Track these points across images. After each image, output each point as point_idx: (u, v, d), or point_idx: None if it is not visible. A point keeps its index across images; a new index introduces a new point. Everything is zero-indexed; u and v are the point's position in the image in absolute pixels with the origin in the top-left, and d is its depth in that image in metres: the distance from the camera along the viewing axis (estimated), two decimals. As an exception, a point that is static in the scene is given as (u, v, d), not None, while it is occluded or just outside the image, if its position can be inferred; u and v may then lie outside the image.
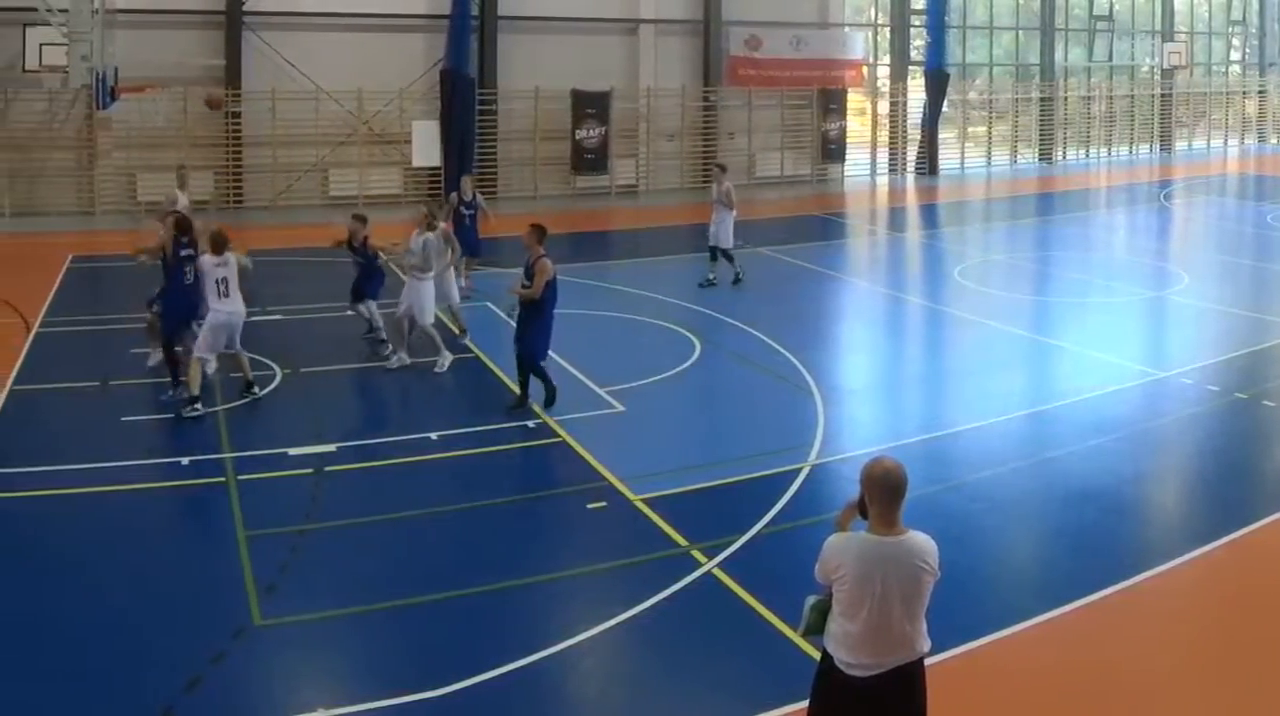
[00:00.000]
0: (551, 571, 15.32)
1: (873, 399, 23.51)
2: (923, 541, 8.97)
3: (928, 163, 62.86)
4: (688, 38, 56.22)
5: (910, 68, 64.26)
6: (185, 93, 45.45)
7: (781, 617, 13.27)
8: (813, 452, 19.34)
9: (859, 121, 63.77)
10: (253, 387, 22.66)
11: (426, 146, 49.33)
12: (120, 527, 16.62)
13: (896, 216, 53.88)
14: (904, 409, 23.01)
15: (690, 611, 14.06)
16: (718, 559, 15.23)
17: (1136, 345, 27.07)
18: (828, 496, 17.35)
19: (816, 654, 9.52)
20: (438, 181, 49.45)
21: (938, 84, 62.12)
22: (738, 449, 19.64)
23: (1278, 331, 27.48)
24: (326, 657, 13.30)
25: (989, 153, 68.26)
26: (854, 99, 62.13)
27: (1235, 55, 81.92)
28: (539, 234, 21.37)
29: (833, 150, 59.99)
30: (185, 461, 18.95)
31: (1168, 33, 74.67)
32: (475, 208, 31.80)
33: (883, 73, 64.92)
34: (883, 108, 64.40)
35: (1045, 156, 69.64)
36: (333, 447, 19.49)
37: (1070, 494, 17.73)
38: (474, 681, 12.29)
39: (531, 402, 21.36)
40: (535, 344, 21.11)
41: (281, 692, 12.35)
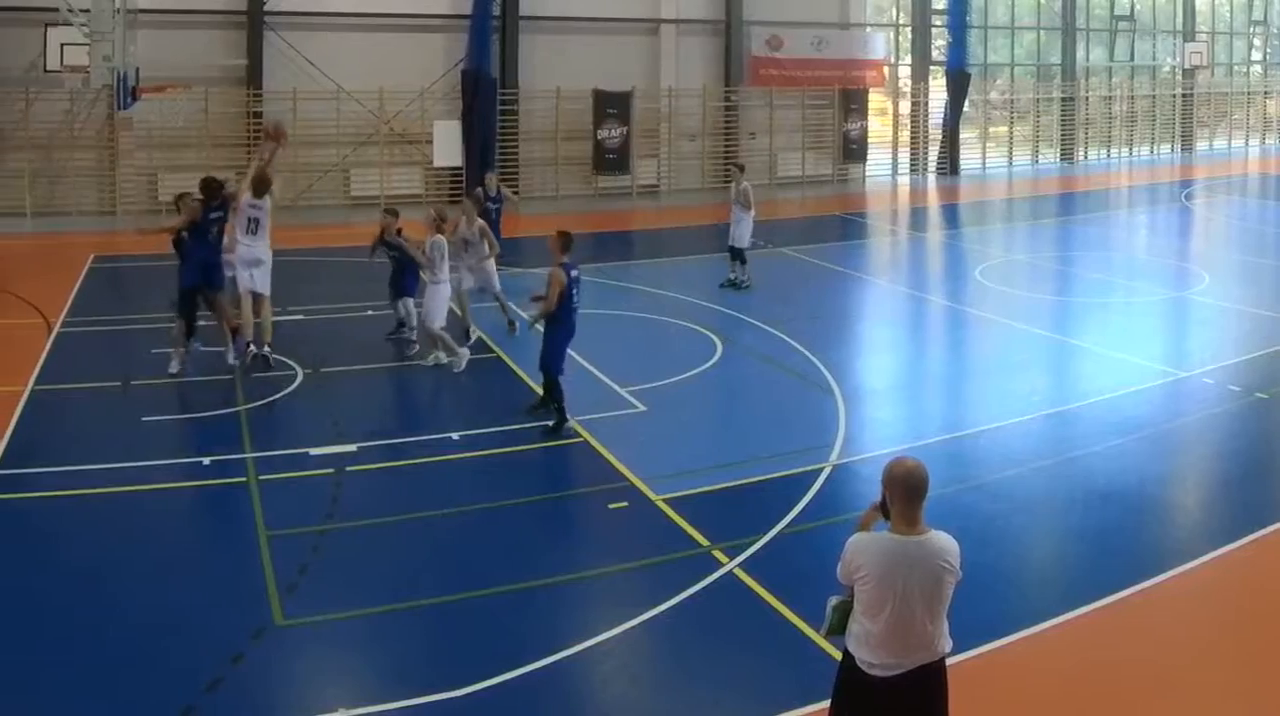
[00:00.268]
0: (573, 571, 15.36)
1: (894, 399, 23.50)
2: (945, 541, 9.00)
3: (949, 163, 62.74)
4: (709, 38, 56.21)
5: (932, 68, 64.11)
6: (206, 93, 45.64)
7: (803, 617, 13.29)
8: (834, 452, 19.35)
9: (880, 121, 63.77)
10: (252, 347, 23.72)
11: (448, 146, 49.29)
12: (141, 527, 16.66)
13: (918, 216, 53.88)
14: (925, 409, 23.02)
15: (711, 611, 14.07)
16: (739, 559, 15.23)
17: (1158, 345, 26.98)
18: (849, 496, 17.36)
19: (838, 654, 9.57)
20: (459, 181, 49.42)
21: (959, 84, 61.97)
22: (759, 449, 19.60)
23: (1299, 331, 27.45)
24: (347, 658, 13.31)
25: (1010, 153, 68.11)
26: (875, 99, 62.05)
27: (1256, 55, 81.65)
28: (562, 242, 20.62)
29: (854, 150, 59.87)
30: (206, 461, 18.97)
31: (1189, 33, 74.49)
32: (500, 202, 32.10)
33: (904, 73, 64.97)
34: (904, 108, 64.46)
35: (1066, 156, 69.48)
36: (354, 447, 19.50)
37: (1091, 494, 17.73)
38: (495, 681, 12.30)
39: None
40: (546, 355, 20.64)
41: (302, 693, 12.38)
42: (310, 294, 29.59)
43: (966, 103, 63.48)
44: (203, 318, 24.20)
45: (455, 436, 20.25)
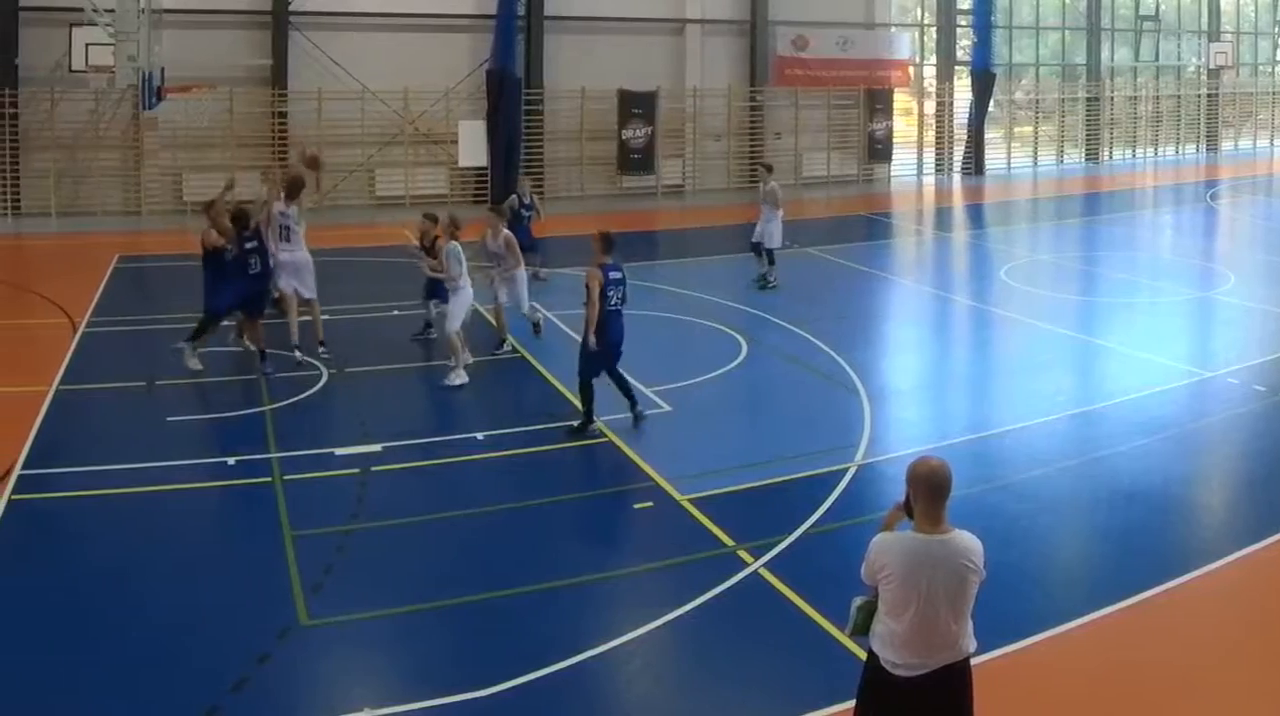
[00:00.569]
0: (597, 571, 15.38)
1: (919, 399, 23.51)
2: (968, 540, 8.99)
3: (974, 163, 62.73)
4: (734, 38, 56.26)
5: (956, 68, 64.17)
6: (231, 93, 45.85)
7: (828, 617, 13.26)
8: (859, 452, 19.35)
9: (905, 121, 63.69)
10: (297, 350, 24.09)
11: (473, 146, 49.40)
12: (166, 528, 16.68)
13: (943, 216, 53.77)
14: (950, 409, 23.02)
15: (737, 611, 14.07)
16: (764, 559, 15.23)
17: (1183, 345, 26.96)
18: (875, 496, 17.36)
19: (863, 653, 9.55)
20: (484, 182, 49.67)
21: (984, 84, 61.95)
22: (784, 448, 19.60)
23: (1325, 332, 27.40)
24: (372, 658, 13.31)
25: (1035, 153, 68.06)
26: (900, 99, 62.01)
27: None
28: (603, 243, 20.25)
29: (879, 150, 59.87)
30: (231, 461, 19.00)
31: (1214, 33, 74.29)
32: (532, 208, 32.23)
33: (929, 73, 64.89)
34: (929, 108, 64.32)
35: (1091, 156, 69.39)
36: (379, 448, 19.50)
37: (1116, 494, 17.74)
38: (520, 681, 12.30)
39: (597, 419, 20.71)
40: (582, 359, 20.33)
41: (327, 693, 12.39)
42: (335, 294, 29.51)
43: (991, 103, 63.49)
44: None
45: (480, 436, 20.26)
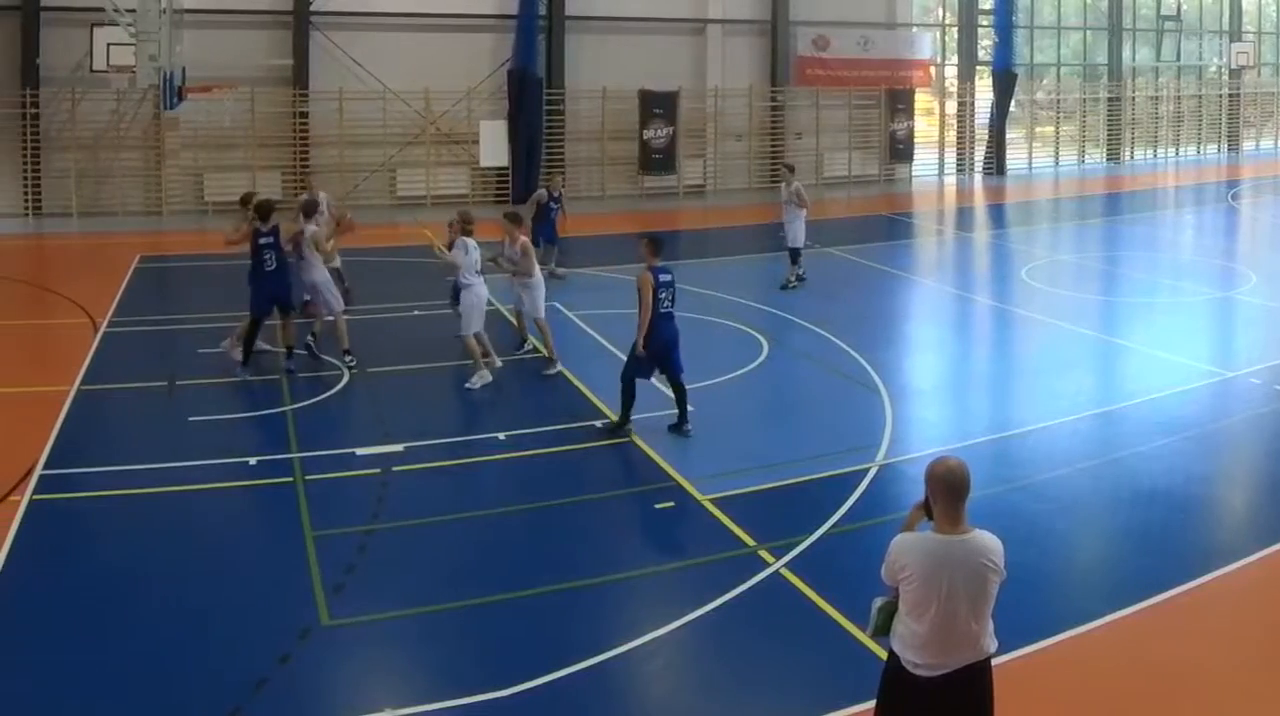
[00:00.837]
0: (619, 571, 15.41)
1: (941, 399, 23.53)
2: (988, 540, 9.02)
3: (995, 163, 62.70)
4: (755, 38, 56.26)
5: (978, 68, 64.05)
6: (252, 93, 45.99)
7: (849, 617, 13.29)
8: (880, 452, 19.36)
9: (927, 121, 63.65)
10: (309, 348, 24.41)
11: (494, 146, 49.47)
12: (188, 528, 16.68)
13: (964, 216, 53.75)
14: (972, 409, 23.03)
15: (758, 611, 14.08)
16: (785, 559, 15.24)
17: (1204, 345, 26.93)
18: (896, 496, 17.35)
19: (884, 654, 9.58)
20: (505, 182, 49.74)
21: (1005, 84, 61.85)
22: (806, 448, 19.64)
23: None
24: (393, 658, 13.35)
25: (1056, 153, 68.05)
26: (922, 99, 62.02)
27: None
28: (652, 247, 20.26)
29: (900, 150, 59.88)
30: (253, 461, 19.04)
31: (1235, 32, 74.16)
32: (560, 203, 32.45)
33: (950, 73, 64.78)
34: (950, 108, 64.24)
35: (1113, 157, 69.32)
36: (400, 448, 19.53)
37: (1137, 494, 17.73)
38: (541, 681, 12.32)
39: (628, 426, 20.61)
40: (631, 360, 20.37)
41: (348, 693, 12.39)
42: (357, 294, 29.61)
43: (1013, 103, 63.35)
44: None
45: (502, 436, 20.29)
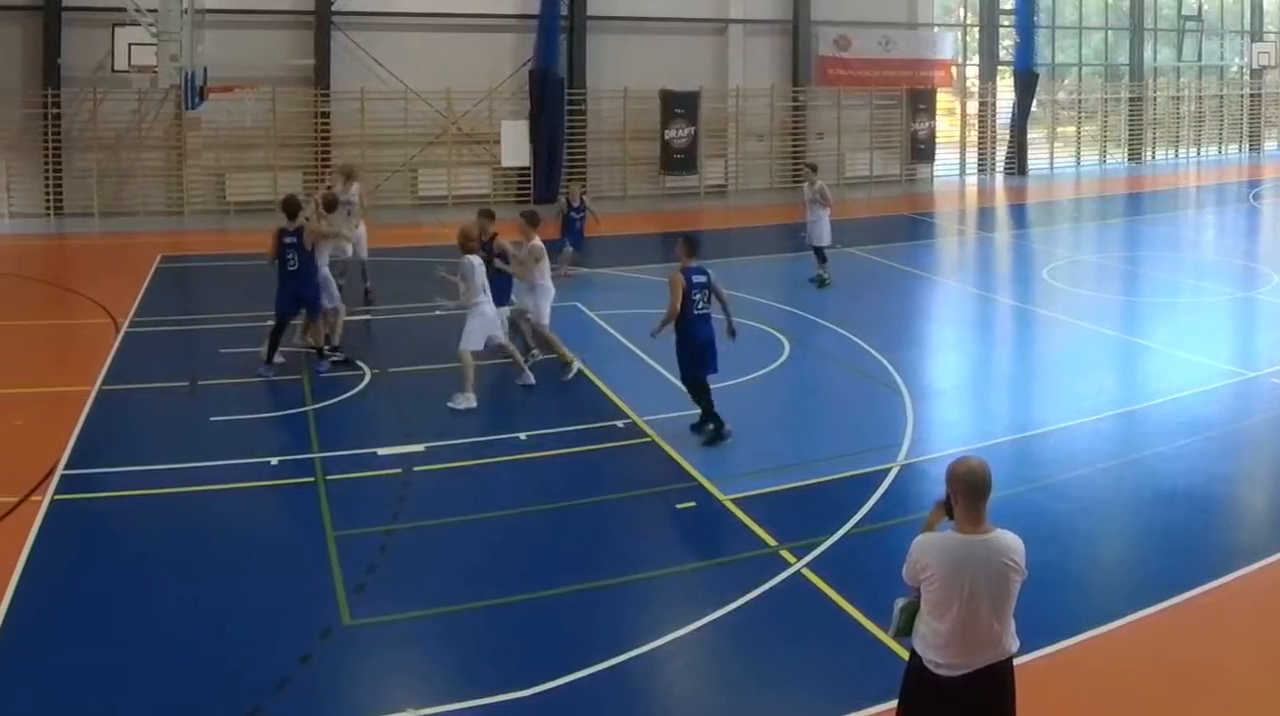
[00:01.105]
0: (640, 571, 15.42)
1: (962, 399, 23.53)
2: (1010, 539, 9.04)
3: (1017, 163, 62.55)
4: (777, 38, 56.24)
5: (999, 68, 63.99)
6: (274, 92, 46.13)
7: (871, 617, 13.29)
8: (902, 452, 19.36)
9: (948, 121, 63.66)
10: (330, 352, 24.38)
11: (516, 146, 49.41)
12: (209, 528, 16.70)
13: (985, 217, 53.71)
14: (993, 409, 23.04)
15: (779, 611, 14.09)
16: (807, 559, 15.24)
17: (1225, 345, 26.83)
18: (917, 496, 17.25)
19: (905, 653, 9.61)
20: (527, 182, 49.79)
21: (1027, 84, 61.73)
22: (827, 448, 19.65)
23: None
24: (414, 657, 13.38)
25: (1078, 153, 67.93)
26: (943, 99, 61.94)
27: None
28: (686, 247, 20.22)
29: (922, 150, 59.79)
30: (274, 461, 19.06)
31: (1257, 32, 73.99)
32: (583, 211, 32.59)
33: (971, 73, 64.88)
34: (972, 108, 64.34)
35: (1134, 157, 69.19)
36: (421, 448, 19.56)
37: (1159, 494, 17.73)
38: (562, 681, 12.33)
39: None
40: (681, 364, 20.17)
41: (369, 693, 12.39)
42: (378, 294, 29.64)
43: (1034, 103, 63.27)
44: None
45: (523, 436, 20.29)
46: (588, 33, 51.33)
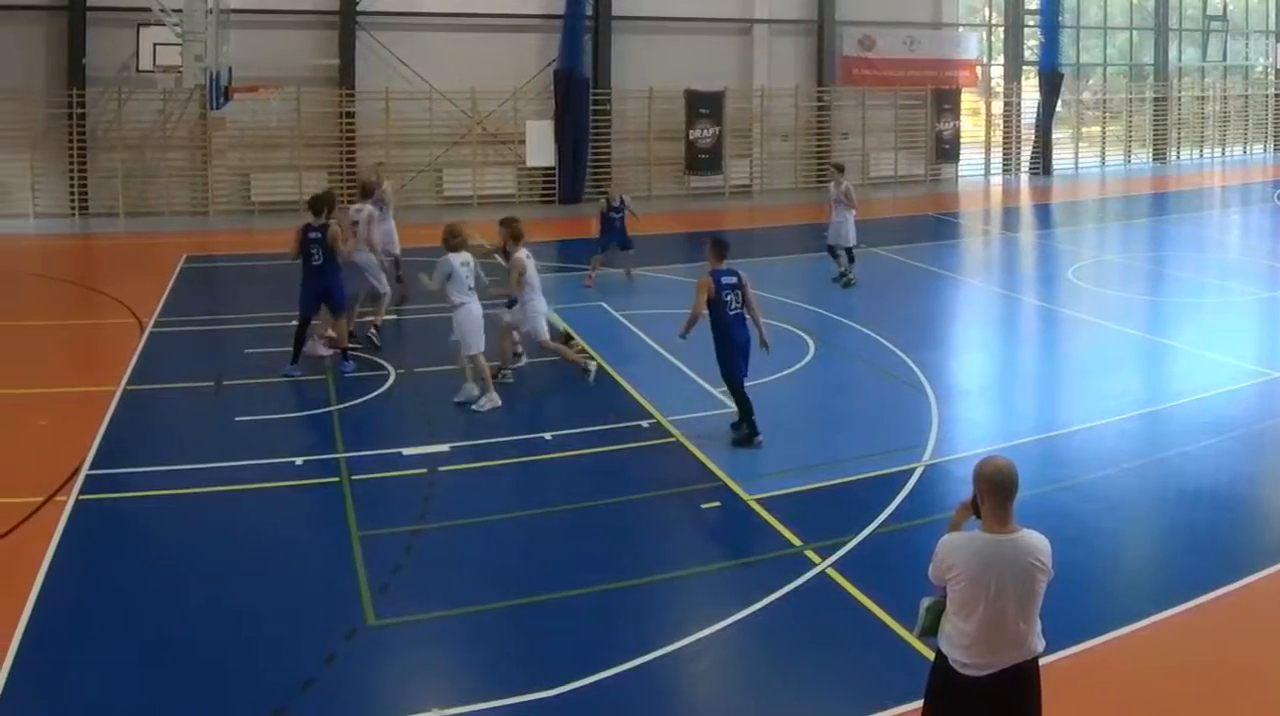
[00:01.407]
0: (665, 571, 15.38)
1: (987, 399, 23.48)
2: (1036, 539, 9.03)
3: (1041, 163, 62.54)
4: (801, 38, 56.24)
5: (1024, 68, 63.93)
6: (299, 92, 46.23)
7: (896, 618, 13.29)
8: (927, 452, 19.35)
9: (973, 121, 63.50)
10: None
11: (541, 146, 49.55)
12: (234, 528, 16.72)
13: (1010, 217, 53.57)
14: (1018, 409, 22.97)
15: (804, 611, 14.08)
16: (832, 559, 15.24)
17: (1250, 345, 26.82)
18: (943, 496, 17.32)
19: (931, 654, 9.60)
20: (551, 182, 49.91)
21: (1052, 84, 61.73)
22: (852, 448, 19.64)
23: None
24: (440, 657, 13.40)
25: (1103, 153, 67.83)
26: (968, 99, 61.82)
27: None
28: (715, 250, 20.08)
29: (946, 150, 59.78)
30: (299, 461, 19.06)
31: (1281, 33, 73.98)
32: (622, 211, 32.43)
33: (996, 73, 64.68)
34: (996, 108, 64.09)
35: (1159, 157, 69.06)
36: (446, 448, 19.57)
37: (1184, 494, 17.71)
38: (587, 681, 12.33)
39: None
40: (722, 364, 20.02)
41: (395, 693, 12.39)
42: (411, 289, 29.69)
43: (1059, 103, 63.20)
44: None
45: (548, 436, 20.31)
46: (613, 32, 51.40)
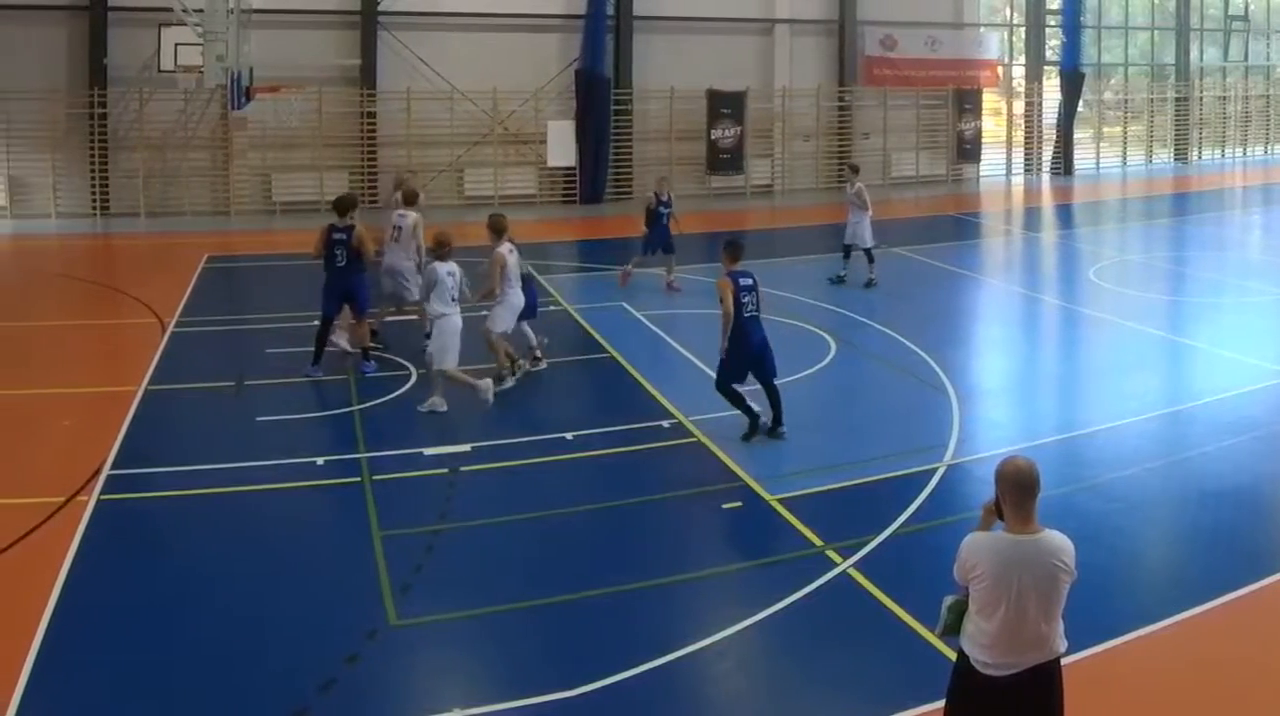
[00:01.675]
0: (686, 571, 15.39)
1: (1008, 399, 23.47)
2: (1059, 540, 9.02)
3: (1063, 163, 62.44)
4: (823, 38, 56.21)
5: (1045, 68, 63.85)
6: (320, 92, 46.30)
7: (917, 617, 13.30)
8: (948, 452, 19.34)
9: (994, 121, 63.47)
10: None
11: (562, 146, 49.60)
12: (255, 528, 16.77)
13: (1031, 217, 53.52)
14: (1039, 409, 22.94)
15: (825, 611, 14.09)
16: (853, 559, 15.24)
17: (1272, 345, 26.52)
18: (964, 496, 17.33)
19: (953, 654, 9.61)
20: (572, 182, 49.98)
21: (1073, 84, 61.62)
22: (873, 448, 19.61)
23: None
24: (461, 658, 13.39)
25: (1124, 153, 67.64)
26: (989, 99, 61.79)
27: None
28: (730, 252, 20.33)
29: (968, 150, 59.68)
30: (320, 461, 19.10)
31: (1303, 33, 73.82)
32: (670, 207, 32.01)
33: (1018, 73, 64.71)
34: (1018, 108, 64.13)
35: (1180, 157, 68.94)
36: (468, 448, 19.59)
37: (1206, 494, 17.67)
38: (609, 681, 12.35)
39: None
40: (721, 369, 20.13)
41: (416, 693, 12.43)
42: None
43: (1081, 103, 63.12)
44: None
45: (569, 436, 20.29)
46: (634, 33, 51.40)
